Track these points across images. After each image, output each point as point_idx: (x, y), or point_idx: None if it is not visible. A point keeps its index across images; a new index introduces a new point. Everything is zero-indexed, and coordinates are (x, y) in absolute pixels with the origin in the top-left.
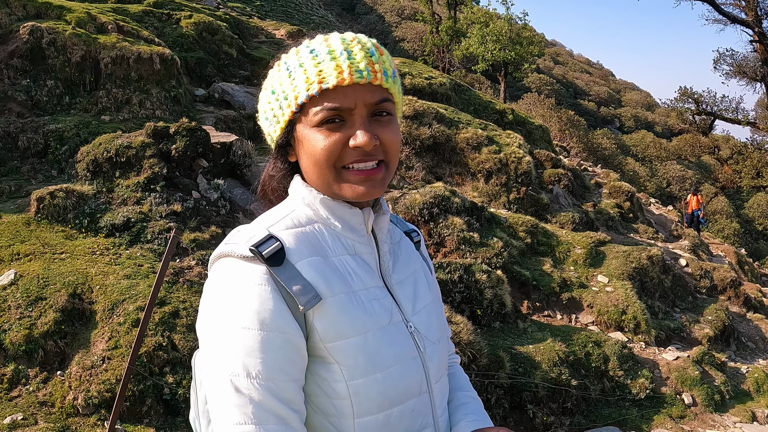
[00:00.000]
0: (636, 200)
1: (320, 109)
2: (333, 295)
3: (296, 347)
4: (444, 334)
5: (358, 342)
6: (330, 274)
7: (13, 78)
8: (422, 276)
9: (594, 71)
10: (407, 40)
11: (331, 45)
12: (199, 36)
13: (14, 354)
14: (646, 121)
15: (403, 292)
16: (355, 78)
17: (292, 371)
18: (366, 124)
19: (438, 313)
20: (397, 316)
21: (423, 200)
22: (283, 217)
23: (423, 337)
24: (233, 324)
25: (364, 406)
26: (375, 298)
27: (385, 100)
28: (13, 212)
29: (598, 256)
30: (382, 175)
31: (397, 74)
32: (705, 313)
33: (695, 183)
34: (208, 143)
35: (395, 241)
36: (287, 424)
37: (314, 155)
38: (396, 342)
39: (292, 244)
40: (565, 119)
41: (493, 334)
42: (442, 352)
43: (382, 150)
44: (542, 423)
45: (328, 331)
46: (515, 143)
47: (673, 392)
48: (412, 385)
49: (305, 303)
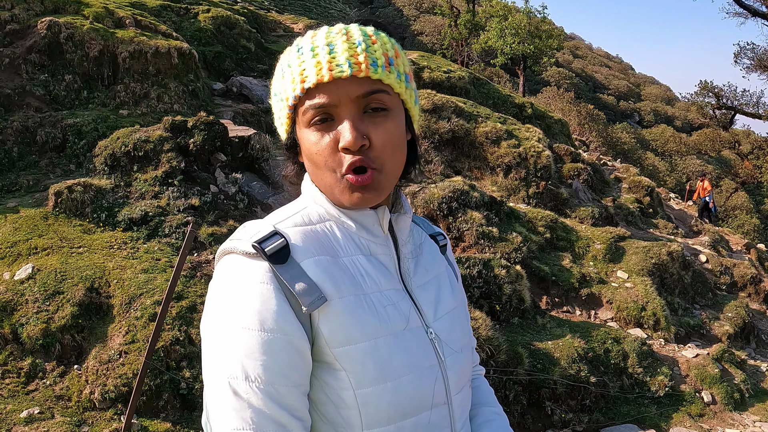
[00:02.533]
0: (656, 195)
1: (306, 108)
2: (341, 296)
3: (299, 350)
4: (468, 343)
5: (367, 348)
6: (339, 274)
7: (32, 73)
8: (446, 280)
9: (613, 65)
10: (426, 33)
11: (315, 41)
12: (217, 30)
13: (31, 348)
14: (666, 116)
15: (425, 295)
16: (335, 73)
17: (294, 376)
18: (355, 122)
19: (462, 321)
20: (415, 322)
21: (442, 194)
22: (294, 214)
23: (444, 345)
24: (233, 324)
25: (373, 417)
26: (390, 302)
27: (376, 92)
28: (31, 206)
29: (618, 252)
30: (374, 180)
31: (399, 63)
32: (725, 310)
33: (703, 170)
34: (226, 137)
35: (417, 243)
36: (288, 431)
37: (311, 157)
38: (411, 349)
39: (299, 241)
40: (585, 113)
41: (511, 330)
42: (465, 361)
43: (374, 154)
44: (560, 420)
45: (334, 334)
46: (534, 137)
47: (692, 390)
48: (429, 396)
49: (309, 304)
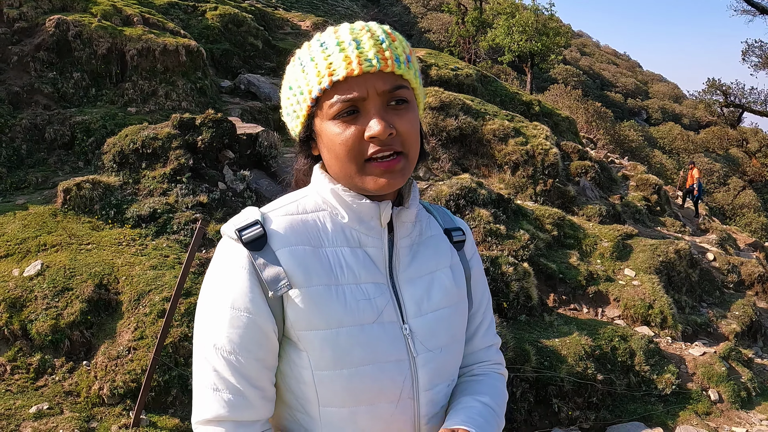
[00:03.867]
0: (663, 193)
1: (334, 101)
2: (309, 285)
3: (262, 329)
4: (451, 344)
5: (327, 336)
6: (313, 264)
7: (40, 71)
8: (444, 278)
9: (621, 62)
10: (433, 31)
11: (340, 36)
12: (224, 28)
13: (40, 344)
14: (674, 113)
15: (411, 291)
16: (365, 67)
17: (255, 350)
18: (381, 113)
19: (452, 321)
20: (390, 317)
21: (449, 192)
22: (290, 203)
23: (418, 342)
24: (210, 300)
25: (328, 398)
26: (364, 295)
27: (400, 87)
28: (40, 203)
29: (625, 250)
30: (402, 165)
31: (413, 59)
32: (732, 309)
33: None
34: (234, 134)
35: (423, 237)
36: (244, 397)
37: (333, 149)
38: (375, 342)
39: (281, 230)
40: (592, 111)
41: (519, 327)
42: (444, 361)
43: (399, 140)
44: (567, 417)
45: (297, 319)
46: (542, 135)
47: (699, 388)
48: (390, 388)
49: (274, 289)
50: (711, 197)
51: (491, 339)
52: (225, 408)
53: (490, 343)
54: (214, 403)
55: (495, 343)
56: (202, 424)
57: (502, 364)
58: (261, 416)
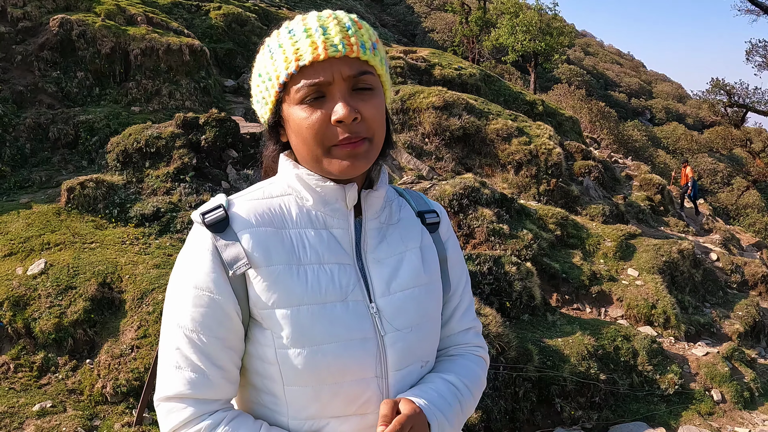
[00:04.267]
0: (667, 193)
1: (300, 86)
2: (269, 265)
3: (223, 308)
4: (423, 324)
5: (288, 314)
6: (275, 244)
7: (44, 70)
8: (413, 258)
9: (625, 62)
10: (437, 30)
11: (307, 23)
12: (228, 27)
13: (44, 342)
14: (678, 113)
15: (379, 271)
16: (330, 52)
17: (217, 329)
18: (346, 98)
19: (422, 301)
20: (356, 296)
21: (453, 191)
22: (257, 189)
23: (386, 321)
24: (176, 280)
25: (291, 376)
26: (327, 276)
27: (365, 73)
28: (43, 202)
29: (629, 249)
30: (365, 149)
31: (379, 47)
32: (735, 309)
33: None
34: (238, 134)
35: (393, 219)
36: (205, 375)
37: (300, 133)
38: (338, 320)
39: (243, 213)
40: (596, 110)
41: (521, 327)
42: (415, 341)
43: (364, 125)
44: (570, 417)
45: (259, 298)
46: (545, 134)
47: (702, 388)
48: (353, 367)
49: (234, 269)
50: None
51: (469, 322)
52: (186, 385)
53: (468, 326)
54: (176, 381)
55: (474, 327)
56: (163, 401)
57: (481, 347)
58: (221, 396)
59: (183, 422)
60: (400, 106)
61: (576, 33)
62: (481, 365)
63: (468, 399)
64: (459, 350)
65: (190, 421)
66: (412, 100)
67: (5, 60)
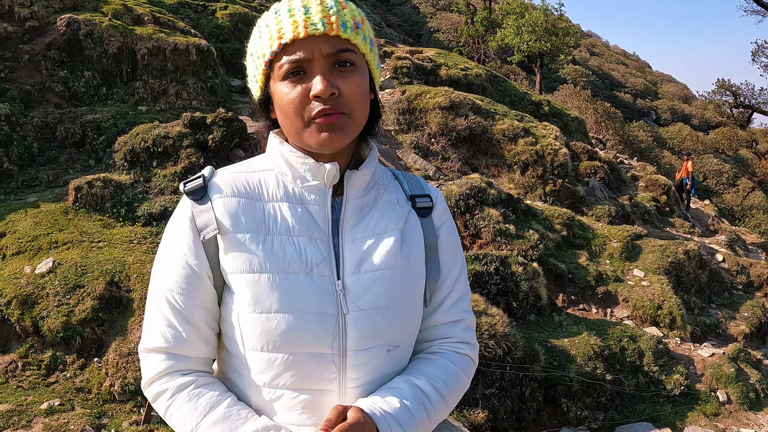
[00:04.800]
0: (672, 194)
1: (282, 62)
2: (236, 232)
3: (195, 270)
4: (393, 307)
5: (250, 279)
6: (246, 214)
7: (51, 69)
8: (392, 241)
9: (630, 63)
10: (442, 30)
11: (292, 3)
12: (234, 27)
13: (52, 340)
14: (683, 114)
15: (353, 250)
16: (309, 30)
17: (189, 289)
18: (325, 74)
19: (393, 284)
20: (323, 270)
21: (459, 191)
22: (244, 163)
23: (351, 299)
24: (161, 244)
25: (249, 341)
26: (294, 248)
27: (345, 51)
28: (51, 201)
29: (635, 250)
30: (342, 122)
31: (363, 27)
32: (741, 310)
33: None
34: (245, 133)
35: (379, 201)
36: (179, 332)
37: (283, 107)
38: (299, 292)
39: (222, 183)
40: (601, 111)
41: (528, 327)
42: (381, 323)
43: (343, 101)
44: (576, 417)
45: (226, 263)
46: (552, 135)
47: (707, 389)
48: (308, 340)
49: (203, 234)
50: (720, 198)
51: (459, 314)
52: (162, 340)
53: (457, 318)
54: (154, 335)
55: (463, 320)
56: (143, 353)
57: (468, 344)
58: (195, 354)
59: (158, 374)
60: (407, 106)
61: (581, 33)
62: (463, 365)
63: (438, 406)
64: (443, 346)
65: (164, 375)
66: (419, 100)
67: (12, 59)
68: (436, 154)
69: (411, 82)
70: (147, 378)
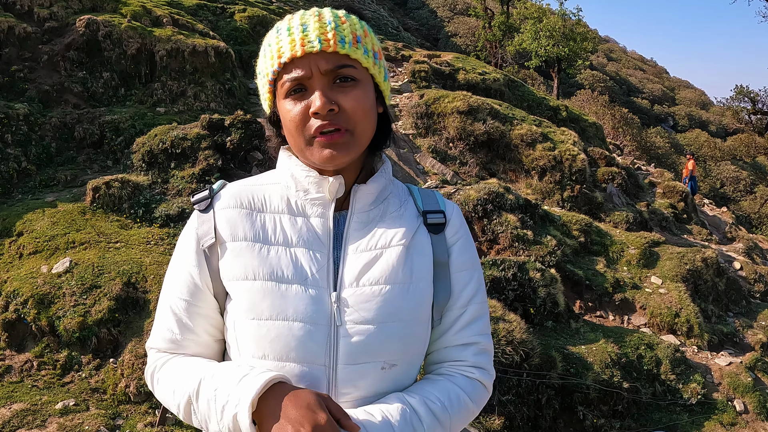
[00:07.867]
0: (690, 201)
1: (284, 81)
2: (234, 240)
3: (194, 278)
4: (389, 323)
5: (245, 285)
6: (244, 224)
7: (70, 70)
8: (395, 256)
9: (648, 68)
10: (459, 35)
11: (291, 22)
12: (252, 29)
13: (68, 340)
14: (701, 120)
15: (353, 263)
16: (307, 48)
17: (187, 296)
18: (324, 90)
19: (391, 300)
20: (319, 282)
21: (477, 196)
22: (259, 176)
23: (345, 312)
24: (174, 250)
25: (244, 347)
26: (290, 258)
27: (344, 66)
28: (69, 201)
29: (652, 257)
30: (345, 139)
31: (365, 40)
32: (759, 318)
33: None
34: (263, 136)
35: (387, 215)
36: (175, 334)
37: (286, 125)
38: (291, 301)
39: (227, 195)
40: (619, 117)
41: (545, 333)
42: (376, 339)
43: (344, 117)
44: (592, 425)
45: (224, 270)
46: (570, 140)
47: (724, 398)
48: (298, 349)
49: (202, 242)
50: (737, 205)
51: (471, 337)
52: (163, 341)
53: (469, 341)
54: (157, 335)
55: (476, 343)
56: (149, 350)
57: (480, 369)
58: (193, 354)
59: (154, 361)
60: (425, 110)
61: (599, 38)
62: (469, 389)
63: (432, 427)
64: (450, 369)
65: (161, 359)
66: (437, 105)
67: (32, 59)
68: (454, 159)
69: (429, 86)
70: (148, 372)
